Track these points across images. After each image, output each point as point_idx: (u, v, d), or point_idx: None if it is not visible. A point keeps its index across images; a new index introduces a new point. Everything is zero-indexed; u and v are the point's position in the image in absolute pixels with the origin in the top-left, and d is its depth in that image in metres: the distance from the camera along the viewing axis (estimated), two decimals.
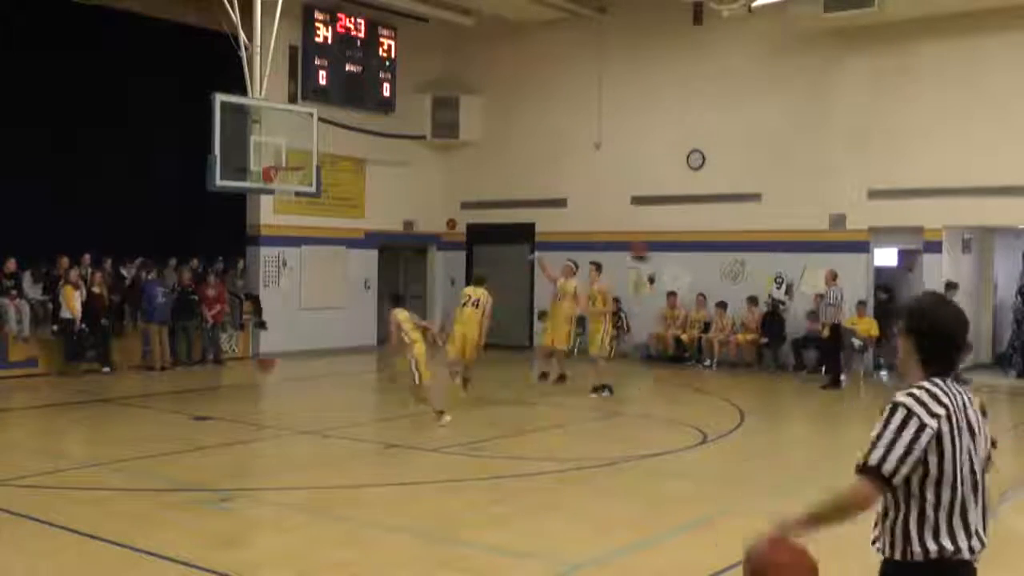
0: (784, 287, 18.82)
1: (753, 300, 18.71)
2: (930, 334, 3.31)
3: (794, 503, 3.52)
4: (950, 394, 3.25)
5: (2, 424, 12.82)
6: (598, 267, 15.37)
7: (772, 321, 18.58)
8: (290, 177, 14.08)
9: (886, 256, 18.75)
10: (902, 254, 18.88)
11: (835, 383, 16.00)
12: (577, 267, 15.57)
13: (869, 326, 17.41)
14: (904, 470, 3.17)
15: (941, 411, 3.20)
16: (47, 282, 16.90)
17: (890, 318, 16.92)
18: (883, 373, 17.23)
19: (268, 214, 19.77)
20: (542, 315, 18.11)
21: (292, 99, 19.26)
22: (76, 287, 16.34)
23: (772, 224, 18.79)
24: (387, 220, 22.11)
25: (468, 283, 15.74)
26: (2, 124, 16.18)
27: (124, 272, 18.22)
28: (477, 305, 14.13)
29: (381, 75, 21.42)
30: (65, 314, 16.20)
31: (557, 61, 21.60)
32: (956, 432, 3.21)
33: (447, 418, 11.89)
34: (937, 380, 3.28)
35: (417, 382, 12.07)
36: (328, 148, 17.95)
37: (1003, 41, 16.83)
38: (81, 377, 16.08)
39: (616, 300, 17.73)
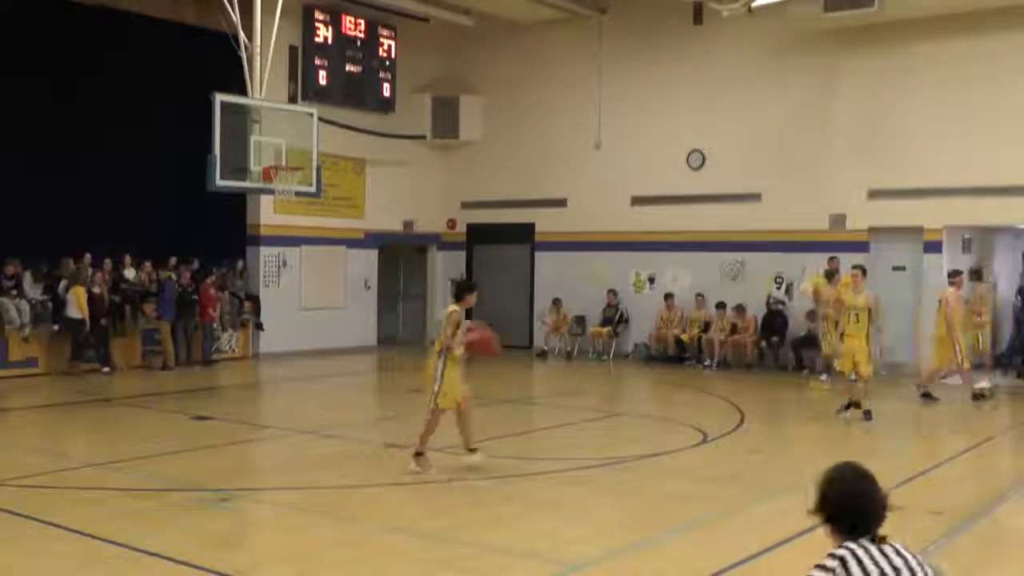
0: (784, 287, 18.82)
1: (740, 308, 18.76)
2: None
3: (794, 503, 3.53)
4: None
5: (2, 424, 12.81)
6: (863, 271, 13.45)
7: (772, 321, 18.58)
8: (290, 177, 14.08)
9: None
10: None
11: None
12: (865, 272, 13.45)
13: None
14: None
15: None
16: (47, 282, 16.91)
17: None
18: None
19: (268, 214, 19.77)
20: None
21: (292, 99, 19.26)
22: (86, 287, 16.35)
23: (772, 224, 18.79)
24: (387, 220, 22.11)
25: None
26: (1, 123, 16.19)
27: (127, 273, 18.19)
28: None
29: (381, 75, 21.43)
30: (74, 314, 16.20)
31: (557, 61, 21.60)
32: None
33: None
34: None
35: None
36: (328, 148, 17.95)
37: (1003, 40, 16.82)
38: (81, 377, 16.08)
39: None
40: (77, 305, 16.18)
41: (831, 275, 15.57)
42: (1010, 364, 17.70)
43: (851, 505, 3.32)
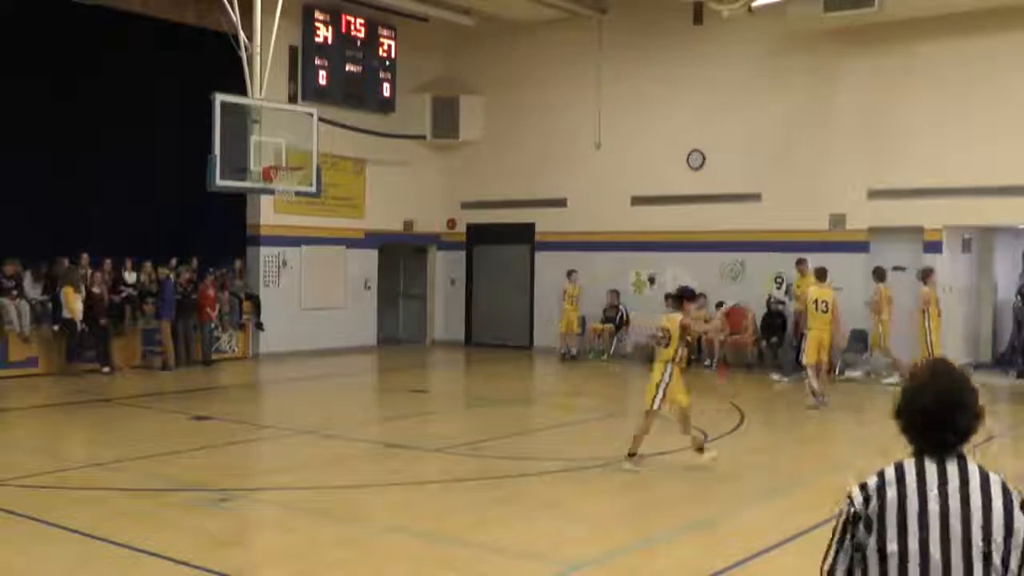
0: (784, 287, 18.81)
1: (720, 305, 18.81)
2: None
3: (794, 503, 3.52)
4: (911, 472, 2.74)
5: (2, 424, 12.82)
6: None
7: (772, 321, 18.57)
8: (290, 177, 14.08)
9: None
10: None
11: None
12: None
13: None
14: (839, 567, 2.74)
15: (873, 490, 2.73)
16: (47, 282, 16.91)
17: None
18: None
19: (268, 214, 19.77)
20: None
21: (292, 99, 19.25)
22: (77, 288, 16.34)
23: (772, 224, 18.79)
24: (387, 220, 22.10)
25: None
26: (2, 123, 16.19)
27: (127, 277, 18.17)
28: (827, 309, 13.74)
29: (381, 75, 21.42)
30: (66, 314, 16.20)
31: (557, 61, 21.60)
32: (897, 512, 2.67)
33: None
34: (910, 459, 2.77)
35: None
36: (328, 148, 17.94)
37: (1003, 41, 16.82)
38: (81, 377, 16.07)
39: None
40: (67, 306, 16.17)
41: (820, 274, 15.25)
42: (1010, 364, 17.69)
43: (914, 408, 2.76)
